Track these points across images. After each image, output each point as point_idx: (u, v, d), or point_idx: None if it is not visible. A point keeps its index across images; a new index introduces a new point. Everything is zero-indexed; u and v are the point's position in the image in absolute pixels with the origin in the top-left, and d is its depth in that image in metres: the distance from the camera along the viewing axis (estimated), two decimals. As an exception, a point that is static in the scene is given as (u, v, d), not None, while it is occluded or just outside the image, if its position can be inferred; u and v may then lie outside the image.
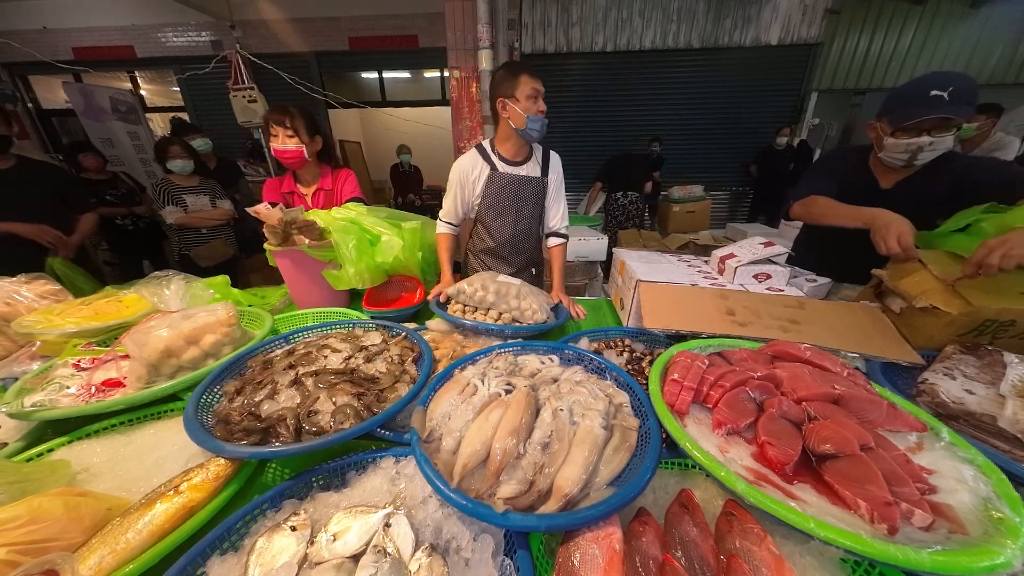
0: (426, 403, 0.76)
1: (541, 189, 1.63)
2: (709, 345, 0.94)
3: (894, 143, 1.20)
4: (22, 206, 2.11)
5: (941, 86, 1.09)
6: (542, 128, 1.45)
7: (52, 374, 0.91)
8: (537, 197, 1.64)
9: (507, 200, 1.61)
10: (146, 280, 1.35)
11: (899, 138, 1.19)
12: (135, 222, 3.45)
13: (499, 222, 1.65)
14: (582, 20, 4.91)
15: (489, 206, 1.62)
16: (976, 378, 0.82)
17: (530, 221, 1.68)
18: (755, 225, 4.62)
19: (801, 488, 0.56)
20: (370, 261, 1.41)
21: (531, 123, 1.42)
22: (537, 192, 1.63)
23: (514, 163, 1.59)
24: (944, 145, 1.16)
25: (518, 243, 1.71)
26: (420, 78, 6.27)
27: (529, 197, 1.62)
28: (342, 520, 0.59)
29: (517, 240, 1.70)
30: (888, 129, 1.21)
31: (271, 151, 1.64)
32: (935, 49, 4.85)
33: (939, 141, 1.15)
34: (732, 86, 5.15)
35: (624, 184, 4.69)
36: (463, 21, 3.65)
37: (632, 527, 0.56)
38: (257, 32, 4.98)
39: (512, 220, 1.64)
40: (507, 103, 1.43)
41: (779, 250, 1.33)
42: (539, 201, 1.65)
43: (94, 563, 0.52)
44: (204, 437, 0.68)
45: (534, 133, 1.46)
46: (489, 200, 1.61)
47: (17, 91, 5.29)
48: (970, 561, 0.43)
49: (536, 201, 1.64)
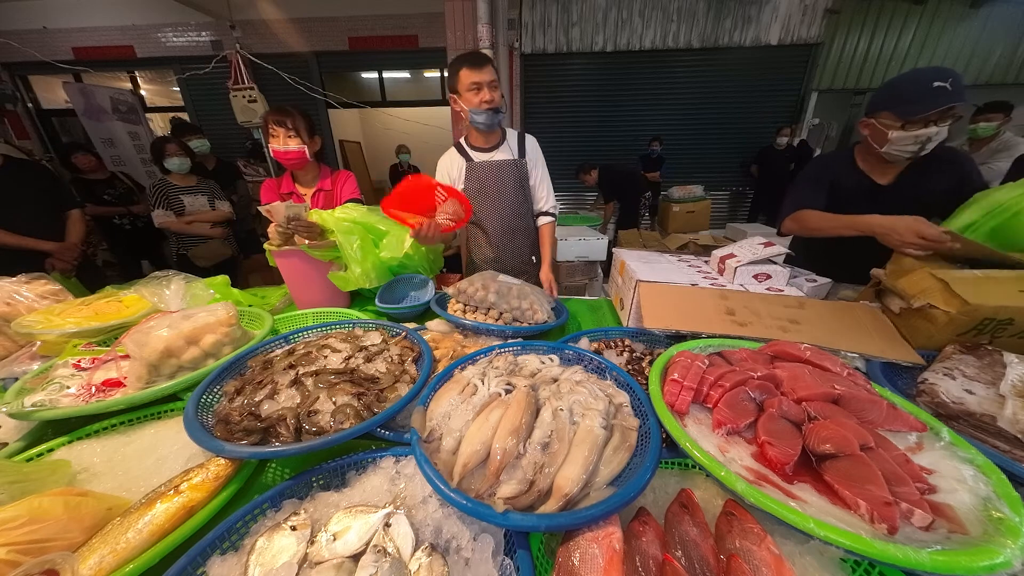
0: (426, 403, 0.76)
1: (521, 171, 1.66)
2: (709, 345, 0.94)
3: (903, 135, 1.22)
4: (13, 206, 2.09)
5: (942, 78, 1.13)
6: (488, 119, 1.47)
7: (52, 374, 0.91)
8: (518, 179, 1.66)
9: (489, 186, 1.63)
10: (146, 280, 1.35)
11: (909, 130, 1.21)
12: (132, 222, 3.45)
13: (486, 209, 1.67)
14: (582, 20, 4.91)
15: (473, 196, 1.64)
16: (976, 378, 0.82)
17: (517, 204, 1.69)
18: (755, 225, 4.63)
19: (801, 488, 0.56)
20: (376, 260, 1.41)
21: (474, 115, 1.47)
22: (517, 175, 1.65)
23: (486, 150, 1.63)
24: (943, 134, 1.20)
25: (510, 229, 1.73)
26: (420, 78, 6.26)
27: (508, 179, 1.64)
28: (342, 520, 0.59)
29: (508, 226, 1.71)
30: (897, 122, 1.22)
31: (271, 152, 1.64)
32: (935, 49, 4.85)
33: (943, 130, 1.19)
34: (732, 86, 5.15)
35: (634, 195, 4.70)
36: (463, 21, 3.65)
37: (632, 527, 0.56)
38: (257, 32, 4.98)
39: (497, 205, 1.67)
40: (455, 98, 1.49)
41: (779, 250, 1.33)
42: (521, 183, 1.68)
43: (94, 563, 0.52)
44: (204, 437, 0.68)
45: (480, 124, 1.50)
46: (471, 190, 1.63)
47: (17, 91, 5.30)
48: (970, 561, 0.43)
49: (517, 183, 1.66)
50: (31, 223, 2.11)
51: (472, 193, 1.63)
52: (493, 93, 1.44)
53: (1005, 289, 0.90)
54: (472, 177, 1.62)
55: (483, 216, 1.69)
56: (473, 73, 1.41)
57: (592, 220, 4.55)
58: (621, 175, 4.61)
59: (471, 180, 1.63)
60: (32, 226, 2.12)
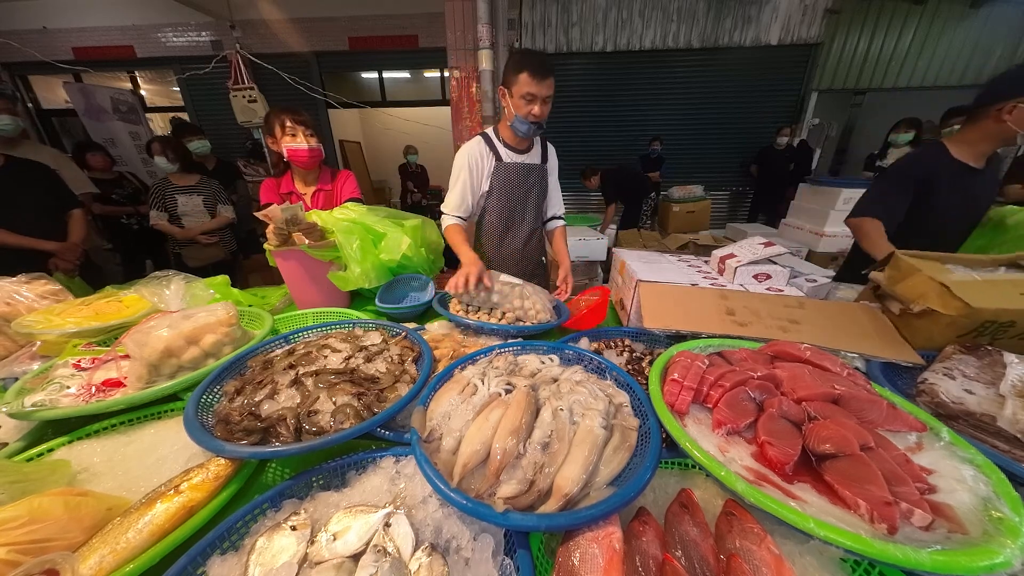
0: (426, 403, 0.76)
1: (544, 177, 1.65)
2: (709, 345, 0.94)
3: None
4: (15, 206, 2.09)
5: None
6: (528, 130, 1.45)
7: (52, 374, 0.91)
8: (541, 184, 1.66)
9: (515, 188, 1.61)
10: (146, 280, 1.34)
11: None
12: (139, 221, 3.47)
13: (508, 211, 1.66)
14: (582, 20, 4.91)
15: (496, 195, 1.61)
16: (976, 378, 0.82)
17: (536, 208, 1.70)
18: (755, 225, 4.63)
19: (801, 488, 0.56)
20: (375, 260, 1.41)
21: (517, 122, 1.44)
22: (541, 179, 1.65)
23: (519, 151, 1.60)
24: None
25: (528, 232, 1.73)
26: (420, 78, 6.27)
27: (534, 184, 1.64)
28: (342, 520, 0.59)
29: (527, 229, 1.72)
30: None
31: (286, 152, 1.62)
32: (935, 49, 4.85)
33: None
34: (732, 86, 5.15)
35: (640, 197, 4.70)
36: (463, 21, 3.65)
37: (632, 527, 0.56)
38: (257, 32, 4.98)
39: (520, 207, 1.66)
40: (506, 93, 1.44)
41: (779, 250, 1.33)
42: (543, 189, 1.68)
43: (94, 562, 0.52)
44: (204, 437, 0.68)
45: (518, 131, 1.47)
46: (496, 188, 1.60)
47: (17, 91, 5.30)
48: (969, 560, 0.43)
49: (541, 188, 1.66)
50: (33, 223, 2.11)
51: (496, 192, 1.61)
52: (544, 108, 1.39)
53: (1005, 292, 0.89)
54: (500, 177, 1.59)
55: (504, 217, 1.67)
56: (533, 83, 1.33)
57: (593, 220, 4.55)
58: (628, 178, 4.61)
59: (498, 179, 1.59)
60: (34, 226, 2.12)
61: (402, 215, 1.61)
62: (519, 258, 1.75)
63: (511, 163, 1.58)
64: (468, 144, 1.57)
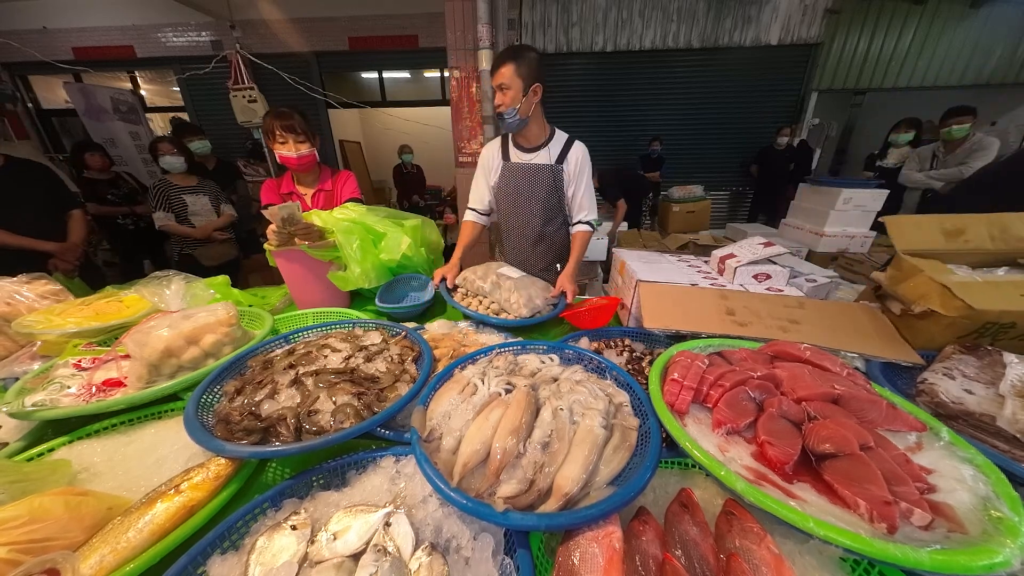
0: (426, 402, 0.76)
1: (556, 178, 1.58)
2: (709, 345, 0.94)
3: None
4: (14, 206, 2.09)
5: None
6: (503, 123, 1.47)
7: (53, 374, 0.91)
8: (551, 185, 1.59)
9: (522, 188, 1.61)
10: (146, 280, 1.35)
11: None
12: (136, 222, 3.46)
13: (514, 212, 1.66)
14: (582, 20, 4.90)
15: (503, 196, 1.63)
16: (975, 378, 0.82)
17: (546, 211, 1.64)
18: (755, 225, 4.62)
19: (801, 487, 0.56)
20: (375, 260, 1.41)
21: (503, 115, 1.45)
22: (550, 180, 1.58)
23: (527, 151, 1.59)
24: None
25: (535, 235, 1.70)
26: (420, 78, 6.26)
27: (542, 185, 1.59)
28: (342, 519, 0.59)
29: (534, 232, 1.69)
30: None
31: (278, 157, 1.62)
32: (935, 49, 4.85)
33: None
34: (732, 86, 5.14)
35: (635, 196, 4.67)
36: (463, 21, 3.64)
37: (632, 526, 0.56)
38: (257, 32, 4.98)
39: (526, 209, 1.65)
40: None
41: (779, 250, 1.33)
42: (555, 190, 1.60)
43: (95, 562, 0.52)
44: (204, 437, 0.68)
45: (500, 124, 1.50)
46: (503, 190, 1.63)
47: (17, 91, 5.29)
48: (969, 560, 0.43)
49: (551, 190, 1.60)
50: (33, 224, 2.11)
51: (503, 193, 1.63)
52: (503, 96, 1.39)
53: (1007, 293, 0.89)
54: (506, 177, 1.61)
55: (510, 218, 1.68)
56: (495, 76, 1.38)
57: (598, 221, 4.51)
58: (627, 178, 4.59)
59: (504, 180, 1.61)
60: (34, 227, 2.12)
61: (402, 215, 1.61)
62: (528, 258, 1.74)
63: (515, 163, 1.59)
64: (490, 142, 1.65)
